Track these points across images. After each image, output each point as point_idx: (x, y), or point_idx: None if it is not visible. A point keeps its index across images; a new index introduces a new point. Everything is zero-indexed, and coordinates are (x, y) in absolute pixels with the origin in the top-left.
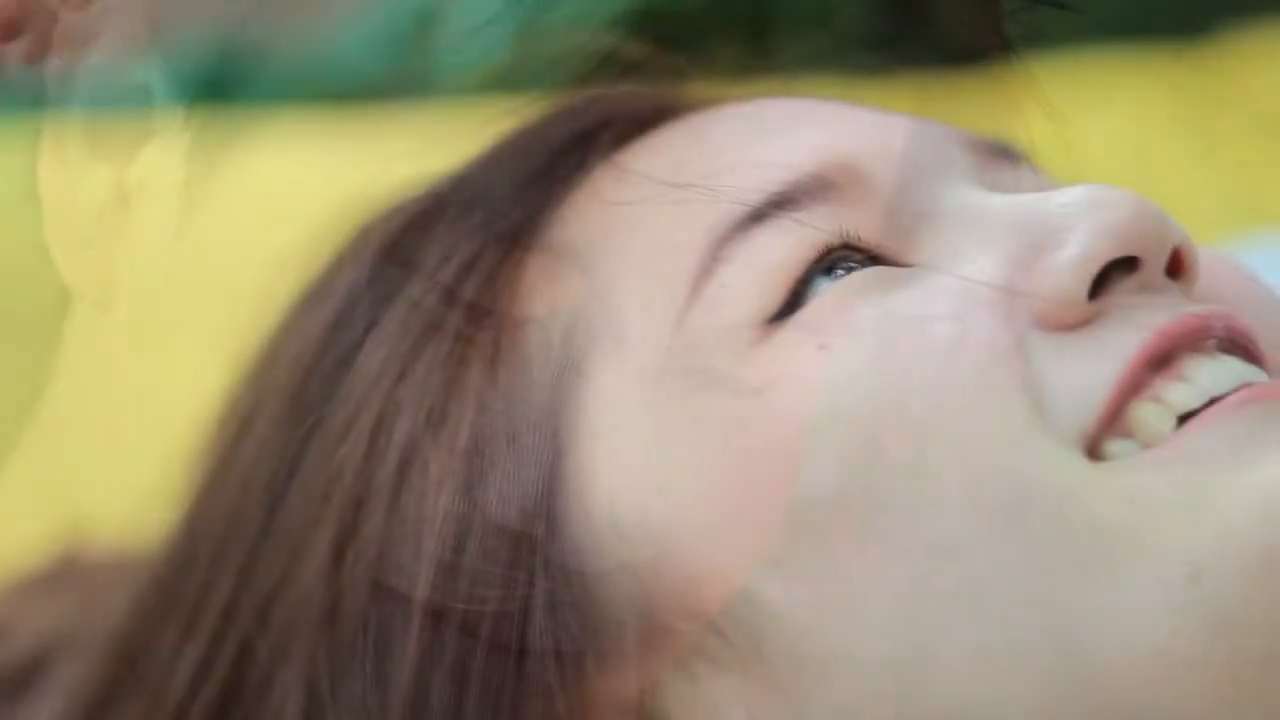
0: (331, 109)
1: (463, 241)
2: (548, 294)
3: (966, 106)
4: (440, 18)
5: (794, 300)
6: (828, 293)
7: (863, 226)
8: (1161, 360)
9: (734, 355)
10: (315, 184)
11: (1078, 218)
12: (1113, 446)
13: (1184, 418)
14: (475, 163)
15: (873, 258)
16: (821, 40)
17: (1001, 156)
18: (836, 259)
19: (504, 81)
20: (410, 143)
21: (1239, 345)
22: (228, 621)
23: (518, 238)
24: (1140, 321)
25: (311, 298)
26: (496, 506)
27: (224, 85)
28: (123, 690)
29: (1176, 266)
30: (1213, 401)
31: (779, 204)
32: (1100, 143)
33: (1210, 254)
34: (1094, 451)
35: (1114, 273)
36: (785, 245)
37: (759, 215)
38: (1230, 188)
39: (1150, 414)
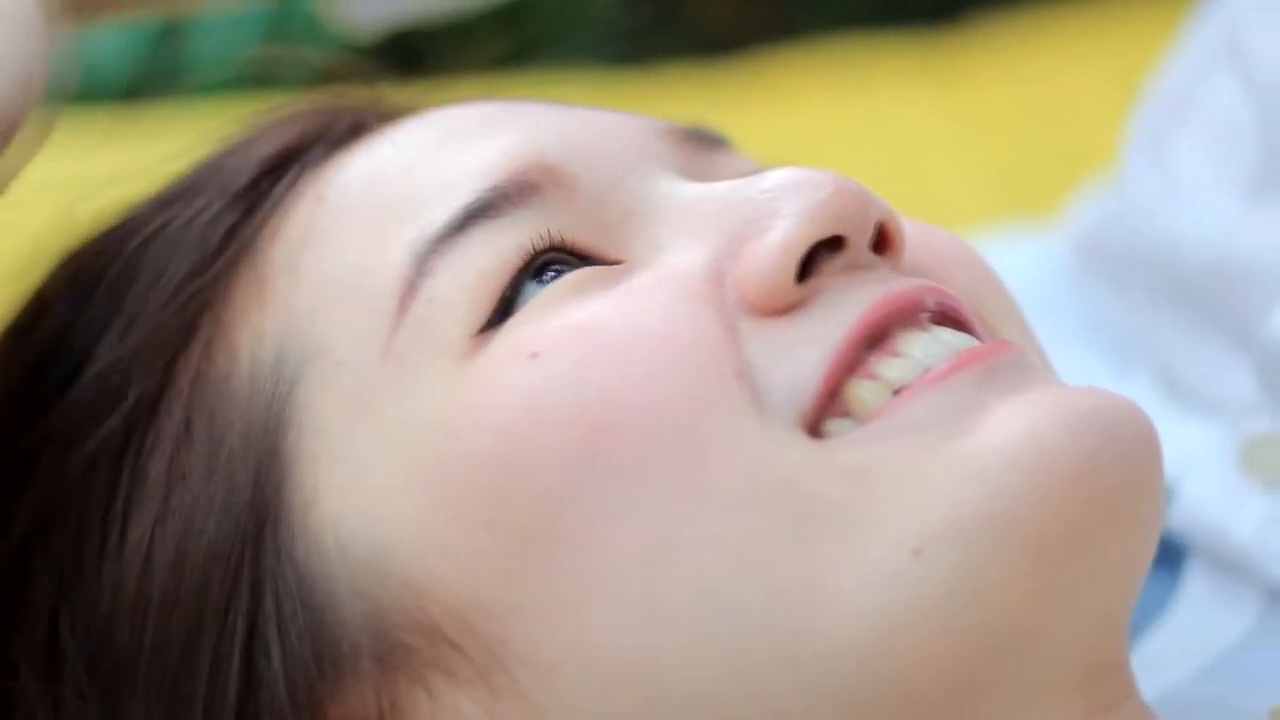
0: (79, 108)
1: (168, 269)
2: (257, 318)
3: (725, 95)
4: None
5: (504, 309)
6: (537, 299)
7: (569, 227)
8: (874, 337)
9: (446, 369)
10: (60, 183)
11: (781, 202)
12: (833, 426)
13: (901, 392)
14: (179, 185)
15: (581, 258)
16: (580, 34)
17: (704, 144)
18: (545, 262)
19: (251, 81)
20: (158, 141)
21: (949, 316)
22: None
23: (226, 262)
24: (850, 301)
25: (19, 330)
26: (209, 536)
27: None
28: None
29: (883, 243)
30: (928, 373)
31: (480, 212)
32: (857, 128)
33: (917, 226)
34: (815, 432)
35: (821, 254)
36: (490, 254)
37: (460, 225)
38: (984, 172)
39: (866, 391)
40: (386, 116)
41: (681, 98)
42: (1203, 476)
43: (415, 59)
